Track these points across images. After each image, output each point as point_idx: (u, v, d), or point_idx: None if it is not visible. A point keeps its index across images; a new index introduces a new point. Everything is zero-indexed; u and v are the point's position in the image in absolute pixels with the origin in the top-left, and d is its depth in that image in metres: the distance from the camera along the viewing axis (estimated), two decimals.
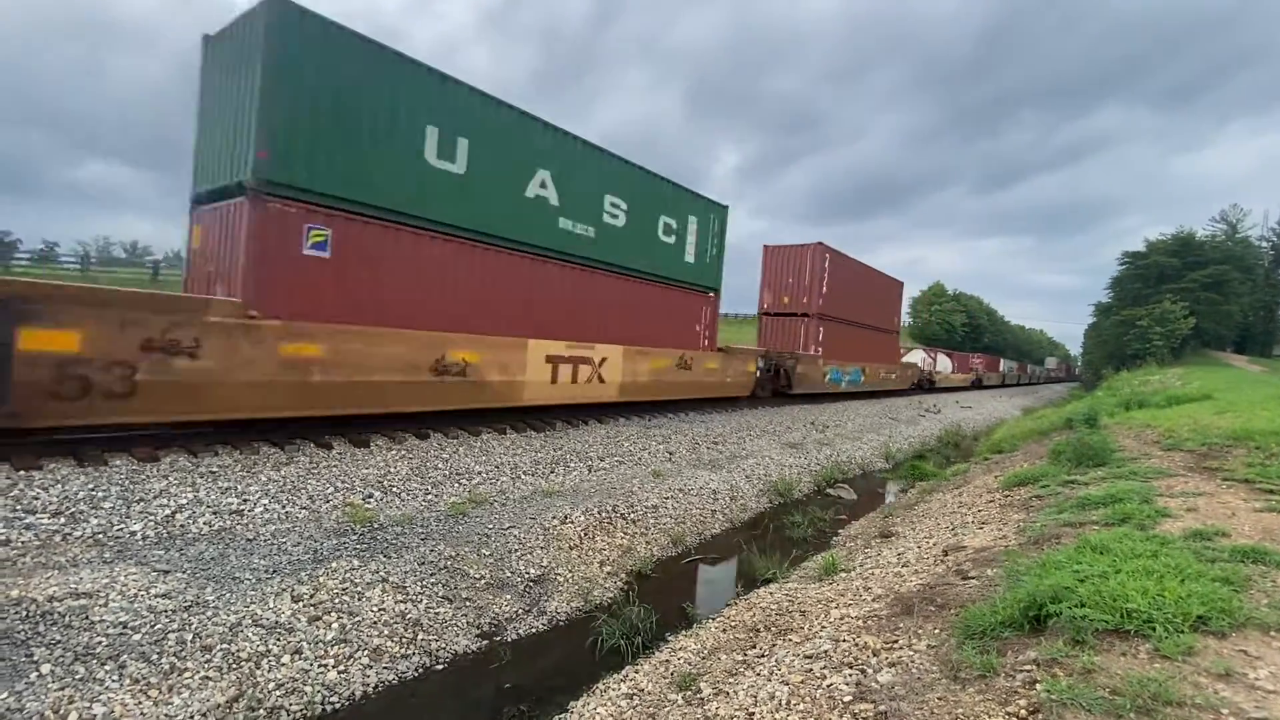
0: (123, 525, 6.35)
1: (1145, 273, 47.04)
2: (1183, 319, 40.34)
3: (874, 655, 3.89)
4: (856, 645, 4.13)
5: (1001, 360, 59.17)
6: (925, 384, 37.52)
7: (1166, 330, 40.14)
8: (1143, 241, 50.63)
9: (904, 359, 36.64)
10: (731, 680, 4.46)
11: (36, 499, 6.22)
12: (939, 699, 3.09)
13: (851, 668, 3.78)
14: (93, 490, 6.58)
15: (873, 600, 5.19)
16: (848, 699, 3.38)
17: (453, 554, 6.88)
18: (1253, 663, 3.00)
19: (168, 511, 6.71)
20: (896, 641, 4.03)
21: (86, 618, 4.74)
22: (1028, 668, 3.16)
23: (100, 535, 6.15)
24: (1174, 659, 3.03)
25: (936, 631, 4.02)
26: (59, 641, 4.48)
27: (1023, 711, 2.80)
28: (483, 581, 6.74)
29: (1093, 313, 55.74)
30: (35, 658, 4.30)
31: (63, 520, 6.13)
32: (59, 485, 6.49)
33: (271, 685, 4.75)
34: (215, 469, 7.67)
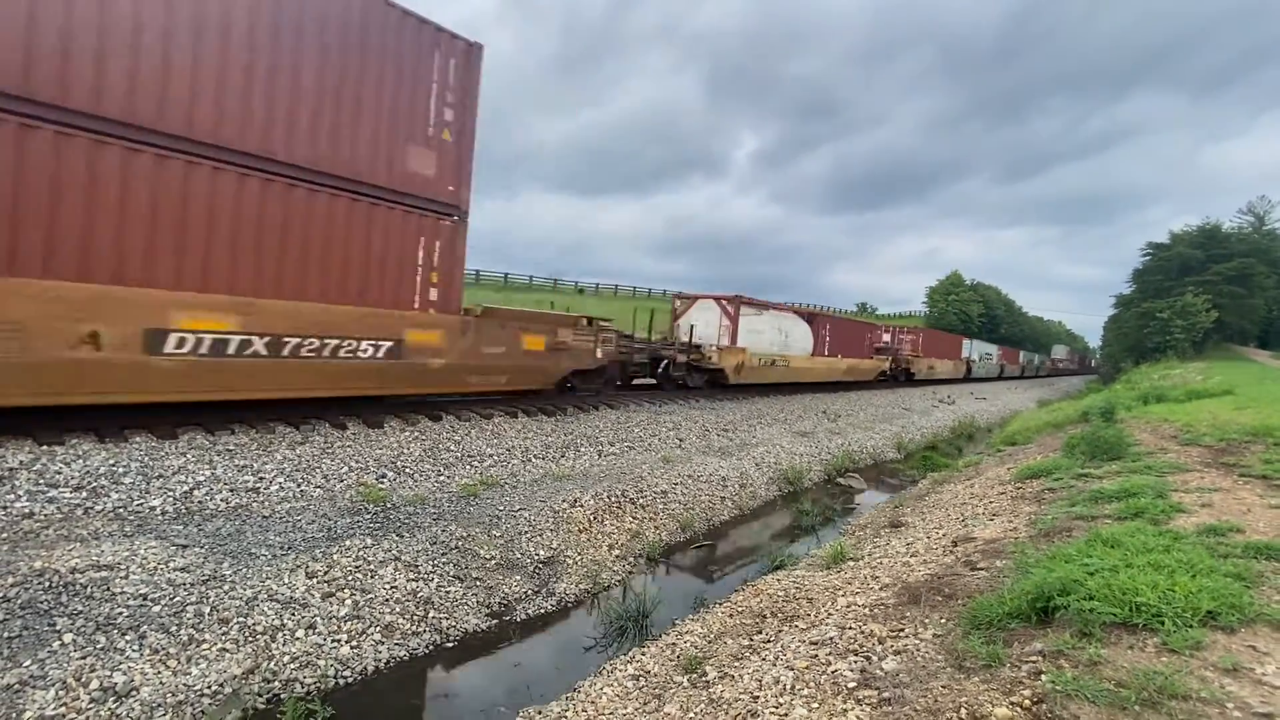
0: (142, 500, 6.49)
1: (1168, 264, 46.15)
2: (1205, 312, 39.58)
3: (880, 643, 3.90)
4: (862, 633, 4.14)
5: (966, 342, 41.44)
6: (680, 377, 17.60)
7: (1188, 323, 39.41)
8: (1167, 233, 49.65)
9: (687, 313, 18.69)
10: (737, 664, 4.50)
11: (59, 473, 6.37)
12: (943, 687, 3.11)
13: (857, 655, 3.80)
14: (113, 466, 6.72)
15: (880, 589, 5.19)
16: (852, 685, 3.40)
17: (464, 534, 6.97)
18: (1261, 658, 2.98)
19: (186, 488, 6.85)
20: (903, 630, 4.04)
21: (108, 589, 4.87)
22: (1033, 659, 3.16)
23: (121, 510, 6.30)
24: (1181, 653, 3.01)
25: (943, 621, 4.02)
26: (81, 612, 4.61)
27: (1027, 701, 2.80)
28: (493, 562, 6.83)
29: (1113, 305, 54.72)
30: (58, 627, 4.43)
31: (84, 494, 6.28)
32: (80, 460, 6.63)
33: (286, 659, 4.86)
34: (232, 447, 7.80)
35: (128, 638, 4.52)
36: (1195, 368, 27.38)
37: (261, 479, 7.40)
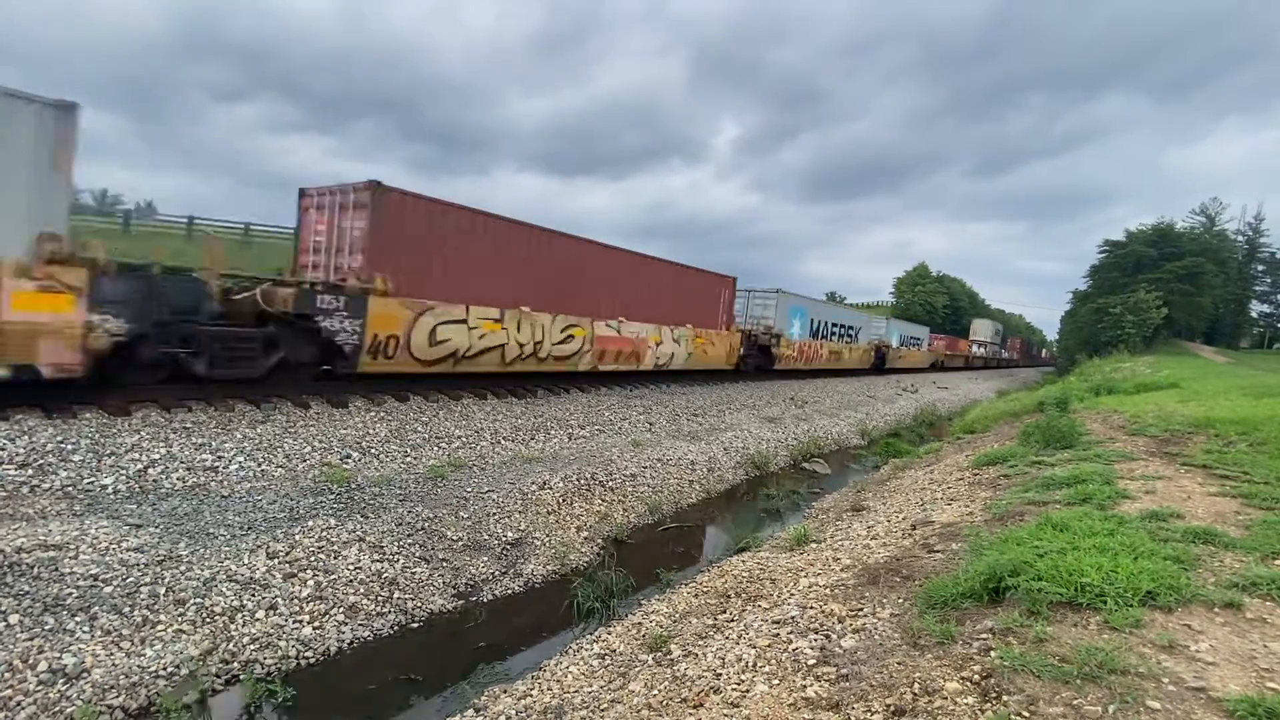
0: (93, 479, 6.27)
1: (1123, 262, 47.73)
2: (1155, 309, 41.12)
3: (839, 622, 4.01)
4: (823, 612, 4.25)
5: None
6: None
7: (1139, 319, 40.91)
8: (1123, 231, 51.21)
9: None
10: (701, 643, 4.58)
11: (3, 450, 6.12)
12: (898, 664, 3.21)
13: (817, 633, 3.90)
14: (61, 442, 6.48)
15: (841, 570, 5.32)
16: (811, 662, 3.49)
17: (431, 516, 6.92)
18: (1195, 636, 3.14)
19: (140, 466, 6.64)
20: (861, 610, 4.15)
21: (56, 569, 4.71)
22: (984, 636, 3.29)
23: (70, 488, 6.08)
24: (1122, 631, 3.16)
25: (900, 601, 4.15)
26: (27, 592, 4.45)
27: (976, 676, 2.91)
28: (460, 543, 6.80)
29: (1070, 300, 56.41)
30: (3, 608, 4.27)
31: (30, 472, 6.05)
32: (26, 436, 6.37)
33: (246, 639, 4.78)
34: (189, 425, 7.57)
35: (78, 619, 4.39)
36: (1145, 361, 28.46)
37: (220, 458, 7.21)
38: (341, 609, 5.42)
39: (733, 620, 4.91)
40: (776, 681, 3.40)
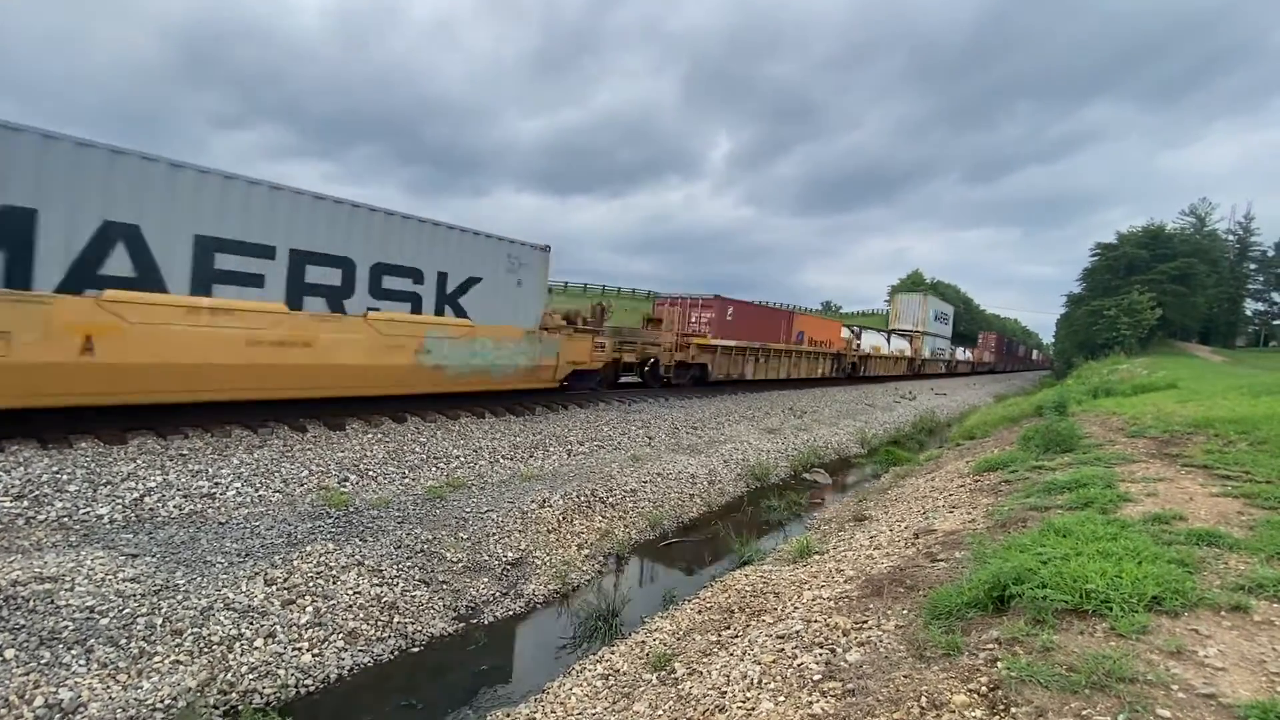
0: (89, 509, 6.23)
1: (1115, 264, 48.00)
2: (1149, 310, 41.29)
3: (844, 635, 3.97)
4: (827, 625, 4.21)
5: None
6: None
7: (1134, 320, 41.05)
8: (1114, 234, 51.52)
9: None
10: (705, 660, 4.53)
11: None
12: (904, 677, 3.17)
13: (822, 647, 3.86)
14: (57, 473, 6.43)
15: (844, 582, 5.28)
16: (817, 678, 3.45)
17: (430, 537, 6.86)
18: (1203, 641, 3.11)
19: (136, 495, 6.59)
20: (866, 622, 4.11)
21: (52, 602, 4.65)
22: (990, 646, 3.25)
23: (65, 519, 6.03)
24: (1129, 637, 3.13)
25: (905, 612, 4.11)
26: (23, 626, 4.39)
27: (984, 688, 2.88)
28: (460, 565, 6.74)
29: (1065, 303, 56.56)
30: None
31: (26, 503, 6.00)
32: (21, 468, 6.33)
33: (244, 669, 4.72)
34: (185, 452, 7.53)
35: (74, 652, 4.33)
36: (1141, 363, 28.48)
37: (217, 484, 7.17)
38: (341, 635, 5.36)
39: (736, 636, 4.86)
40: (782, 698, 3.36)
